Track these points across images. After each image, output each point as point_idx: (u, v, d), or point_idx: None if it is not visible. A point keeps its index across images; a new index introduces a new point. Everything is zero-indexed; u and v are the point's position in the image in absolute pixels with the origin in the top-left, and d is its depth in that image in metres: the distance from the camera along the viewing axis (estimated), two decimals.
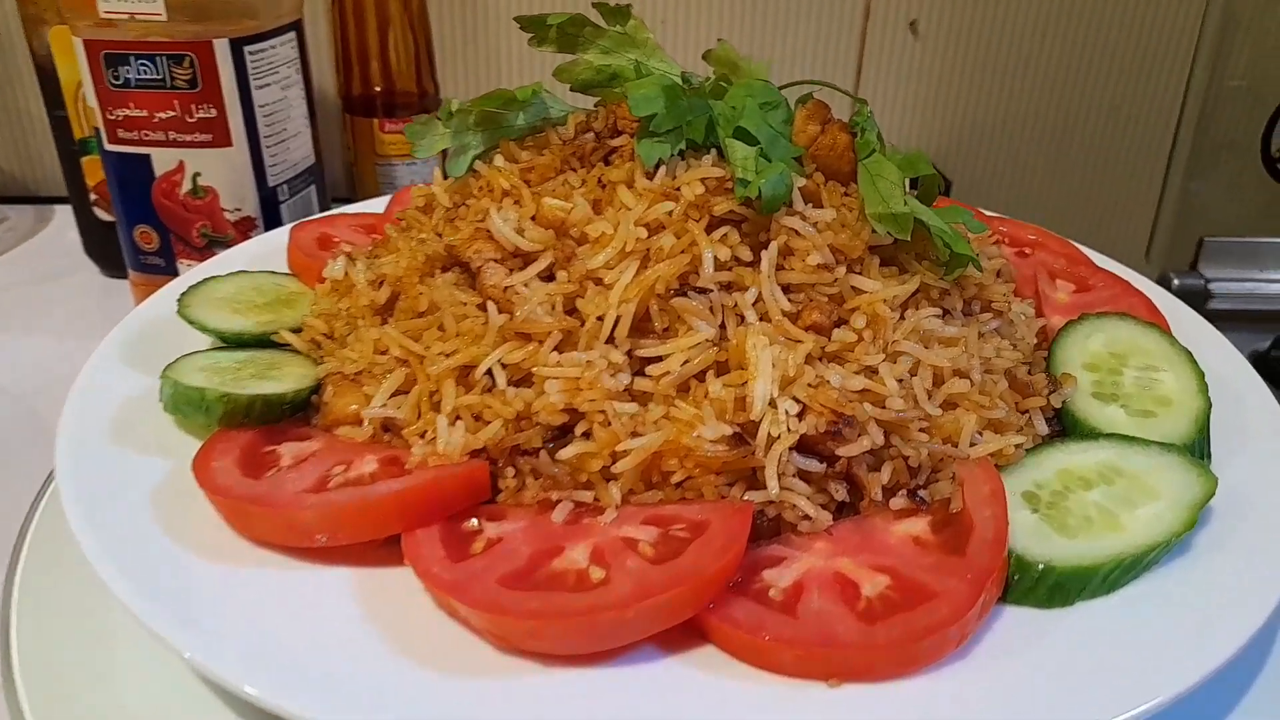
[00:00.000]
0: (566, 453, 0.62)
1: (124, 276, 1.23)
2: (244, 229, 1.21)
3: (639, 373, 0.64)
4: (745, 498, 0.61)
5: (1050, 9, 1.55)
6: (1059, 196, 1.70)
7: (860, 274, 0.69)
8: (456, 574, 0.56)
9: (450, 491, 0.62)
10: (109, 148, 1.16)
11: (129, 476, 0.64)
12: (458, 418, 0.65)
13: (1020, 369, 0.73)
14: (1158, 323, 0.81)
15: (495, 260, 0.69)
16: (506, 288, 0.67)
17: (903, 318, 0.68)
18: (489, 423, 0.64)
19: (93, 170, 1.31)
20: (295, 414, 0.72)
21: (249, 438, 0.68)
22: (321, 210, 1.30)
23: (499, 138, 0.81)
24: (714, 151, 0.72)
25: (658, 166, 0.70)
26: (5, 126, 1.53)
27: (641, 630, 0.53)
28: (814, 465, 0.62)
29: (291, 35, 1.22)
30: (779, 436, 0.61)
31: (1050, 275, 0.92)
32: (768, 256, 0.67)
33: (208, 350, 0.78)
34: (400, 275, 0.74)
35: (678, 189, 0.69)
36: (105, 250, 1.36)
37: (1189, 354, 0.76)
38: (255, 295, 0.88)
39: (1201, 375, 0.73)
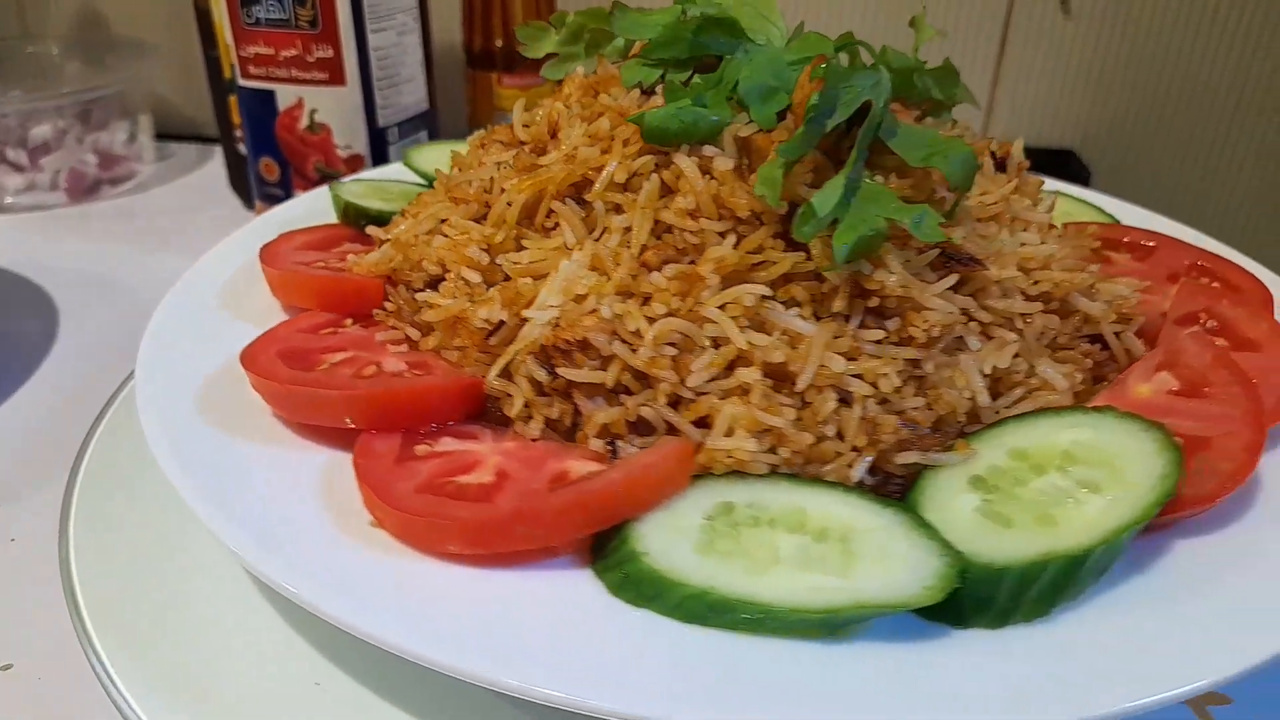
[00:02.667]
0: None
1: None
2: (354, 166, 1.28)
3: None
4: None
5: None
6: (1215, 201, 1.56)
7: (741, 235, 0.65)
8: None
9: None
10: (241, 83, 1.26)
11: (197, 364, 0.71)
12: None
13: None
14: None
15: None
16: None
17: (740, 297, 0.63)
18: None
19: (237, 108, 1.41)
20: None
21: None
22: None
23: (598, 53, 0.84)
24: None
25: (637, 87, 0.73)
26: (179, 70, 1.68)
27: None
28: (541, 374, 0.64)
29: None
30: (529, 337, 0.64)
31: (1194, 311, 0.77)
32: (647, 187, 0.67)
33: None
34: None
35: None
36: (244, 184, 1.46)
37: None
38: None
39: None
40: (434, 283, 0.74)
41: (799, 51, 0.72)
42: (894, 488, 0.60)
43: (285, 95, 1.23)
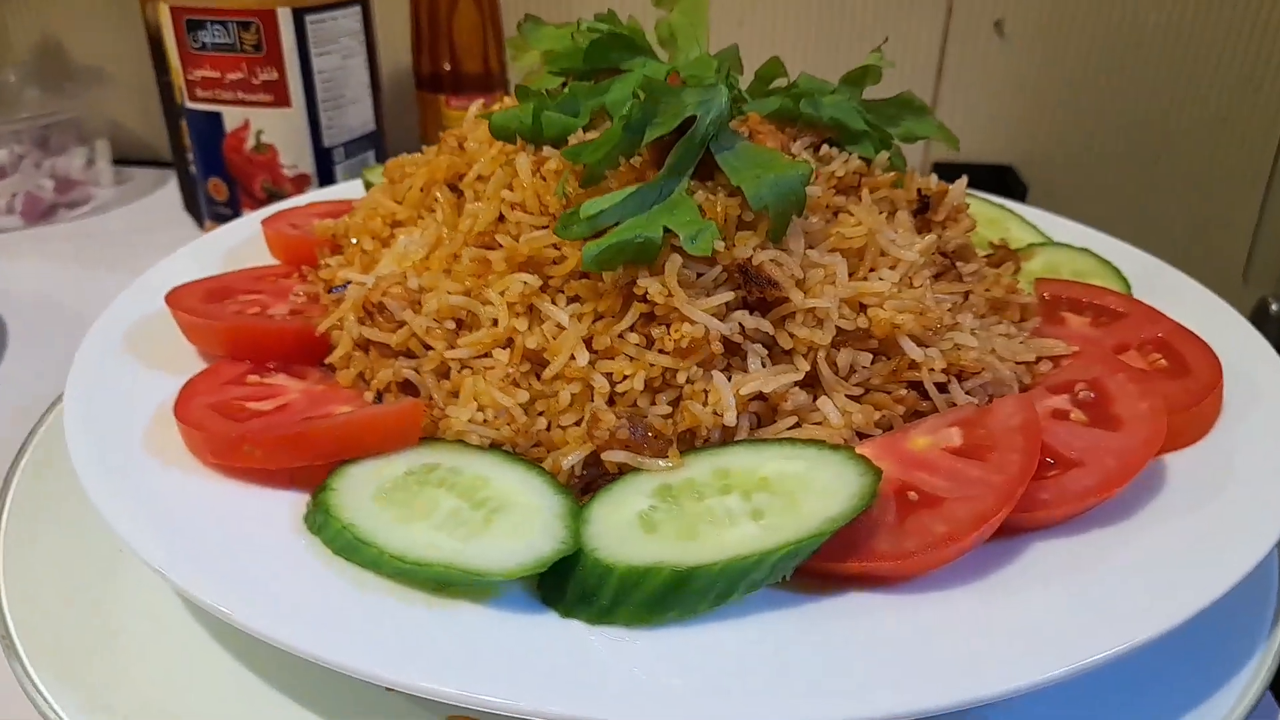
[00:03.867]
0: None
1: None
2: (300, 185, 1.33)
3: None
4: None
5: (1149, 11, 1.44)
6: (1148, 211, 1.58)
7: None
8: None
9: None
10: (189, 105, 1.31)
11: (134, 398, 0.71)
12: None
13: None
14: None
15: None
16: None
17: None
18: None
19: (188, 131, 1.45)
20: None
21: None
22: None
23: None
24: None
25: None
26: (136, 96, 1.71)
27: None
28: (355, 330, 0.73)
29: (356, 9, 1.32)
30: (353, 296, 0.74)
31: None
32: (495, 180, 0.74)
33: None
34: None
35: None
36: (197, 205, 1.51)
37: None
38: None
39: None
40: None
41: (687, 69, 0.75)
42: (603, 484, 0.62)
43: (232, 117, 1.27)
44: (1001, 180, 1.52)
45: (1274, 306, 1.28)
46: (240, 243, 0.97)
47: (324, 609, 0.53)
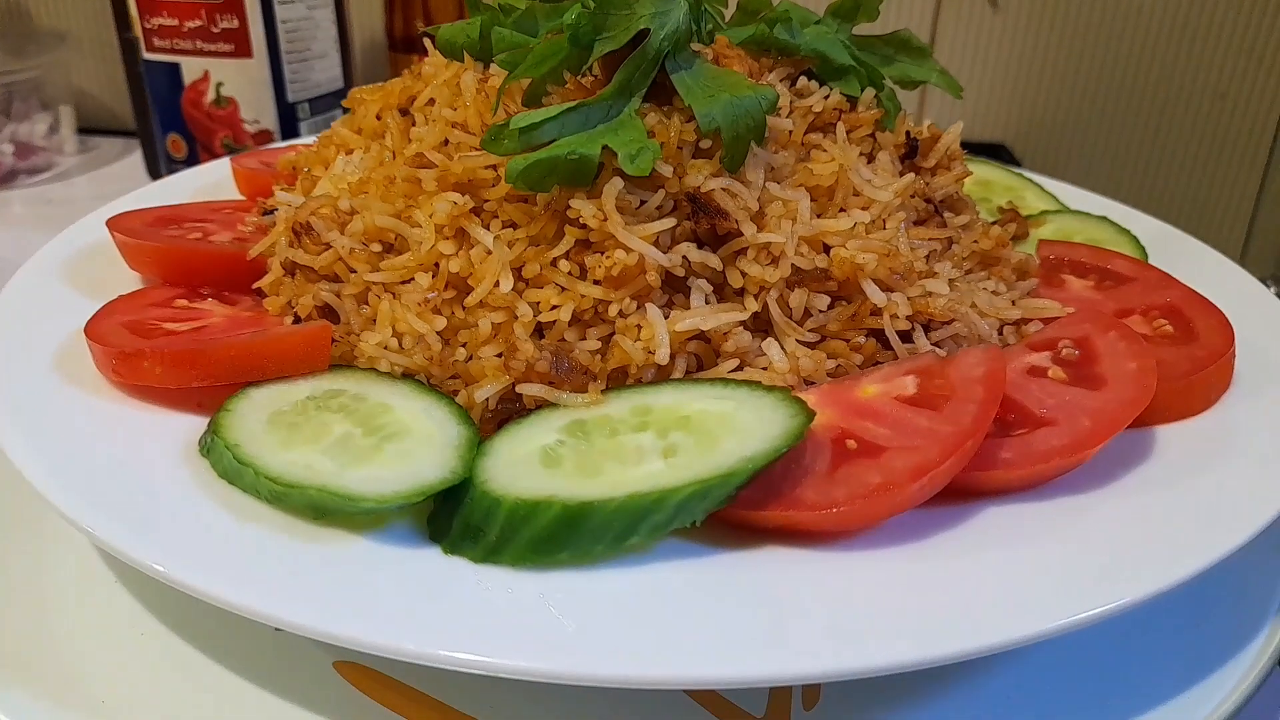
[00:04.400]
0: None
1: None
2: (261, 141, 1.27)
3: None
4: None
5: None
6: (1144, 191, 1.53)
7: None
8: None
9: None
10: (145, 56, 1.26)
11: (58, 318, 0.67)
12: None
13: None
14: None
15: None
16: None
17: None
18: None
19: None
20: None
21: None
22: None
23: None
24: None
25: None
26: (102, 63, 1.66)
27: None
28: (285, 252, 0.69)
29: None
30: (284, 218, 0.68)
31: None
32: (438, 100, 0.70)
33: None
34: None
35: None
36: (159, 170, 1.45)
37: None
38: None
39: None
40: None
41: None
42: (518, 416, 0.57)
43: (191, 68, 1.22)
44: (995, 157, 1.47)
45: (1273, 289, 1.21)
46: (212, 183, 0.93)
47: (192, 532, 0.49)
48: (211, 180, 0.93)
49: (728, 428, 0.50)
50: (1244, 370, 0.65)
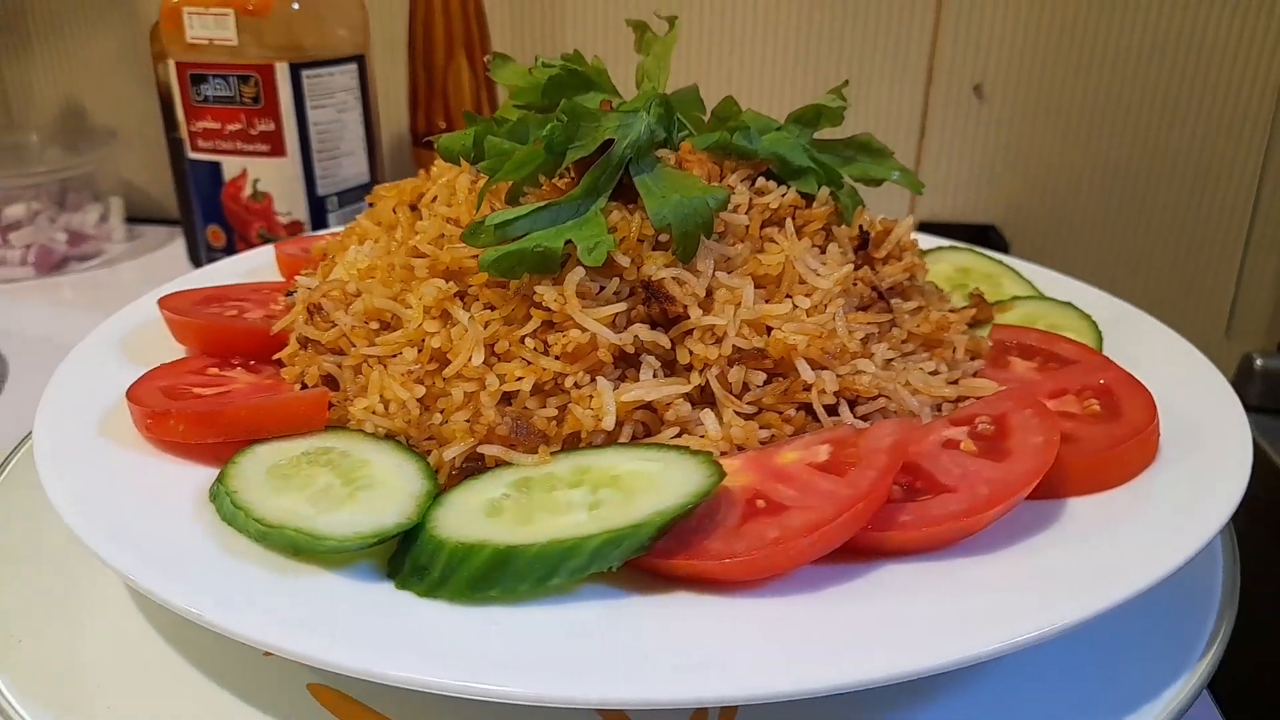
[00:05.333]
0: None
1: None
2: (293, 231, 1.37)
3: None
4: None
5: (1122, 72, 1.50)
6: (1129, 269, 1.61)
7: None
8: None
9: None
10: (191, 155, 1.37)
11: (109, 384, 0.76)
12: None
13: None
14: None
15: None
16: None
17: None
18: None
19: None
20: None
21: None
22: None
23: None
24: None
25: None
26: (152, 159, 1.81)
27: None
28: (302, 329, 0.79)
29: (352, 66, 1.38)
30: (301, 299, 0.77)
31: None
32: (440, 199, 0.79)
33: None
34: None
35: None
36: (200, 257, 1.56)
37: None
38: None
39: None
40: None
41: (630, 104, 0.78)
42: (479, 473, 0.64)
43: (231, 166, 1.34)
44: (985, 239, 1.55)
45: (1258, 362, 1.26)
46: (251, 269, 1.04)
47: (187, 561, 0.57)
48: (251, 266, 1.05)
49: (650, 485, 0.57)
50: (1176, 444, 0.69)
